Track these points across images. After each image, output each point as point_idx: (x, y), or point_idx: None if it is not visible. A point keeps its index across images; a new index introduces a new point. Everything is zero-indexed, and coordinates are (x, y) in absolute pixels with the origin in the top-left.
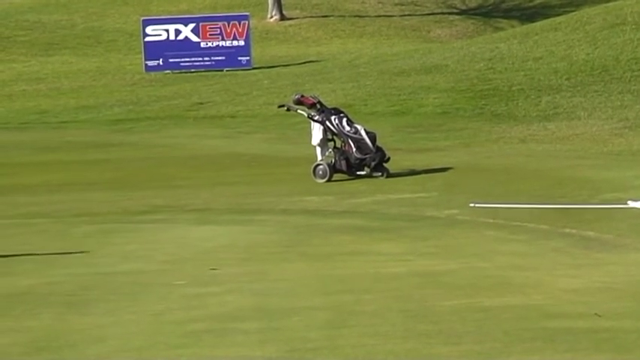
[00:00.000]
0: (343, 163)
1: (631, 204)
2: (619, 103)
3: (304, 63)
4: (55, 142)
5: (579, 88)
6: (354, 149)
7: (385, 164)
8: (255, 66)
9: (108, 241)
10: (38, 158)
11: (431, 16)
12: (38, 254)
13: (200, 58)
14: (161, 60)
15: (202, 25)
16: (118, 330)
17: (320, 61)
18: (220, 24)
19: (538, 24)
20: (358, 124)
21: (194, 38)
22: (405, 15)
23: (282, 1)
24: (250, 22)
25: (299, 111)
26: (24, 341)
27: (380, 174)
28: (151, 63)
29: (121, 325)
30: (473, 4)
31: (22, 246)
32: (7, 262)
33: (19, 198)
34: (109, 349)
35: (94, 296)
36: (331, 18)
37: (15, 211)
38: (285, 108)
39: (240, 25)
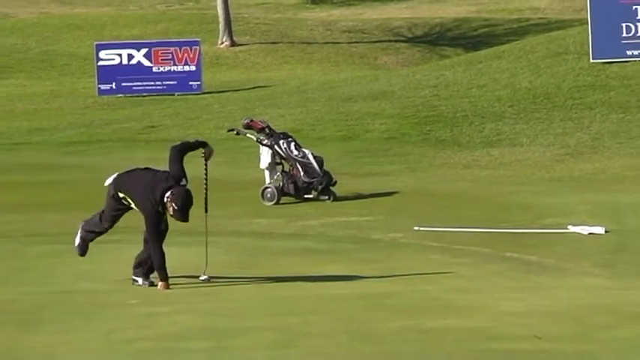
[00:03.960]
0: (291, 186)
1: (572, 229)
2: (560, 131)
3: (254, 88)
4: (8, 164)
5: (522, 115)
6: (302, 173)
7: (332, 188)
8: (205, 90)
9: (61, 261)
10: None
11: (378, 44)
12: None
13: (152, 83)
14: (114, 84)
15: (154, 50)
16: (70, 348)
17: (269, 86)
18: (172, 49)
19: (482, 52)
20: (306, 148)
21: (146, 63)
22: (352, 42)
23: (233, 28)
24: (201, 47)
25: (248, 135)
26: None
27: (327, 197)
28: (103, 87)
29: (73, 344)
30: (419, 32)
31: None
32: None
33: None
34: None
35: (47, 315)
36: (280, 44)
37: None
38: (235, 132)
39: (191, 50)
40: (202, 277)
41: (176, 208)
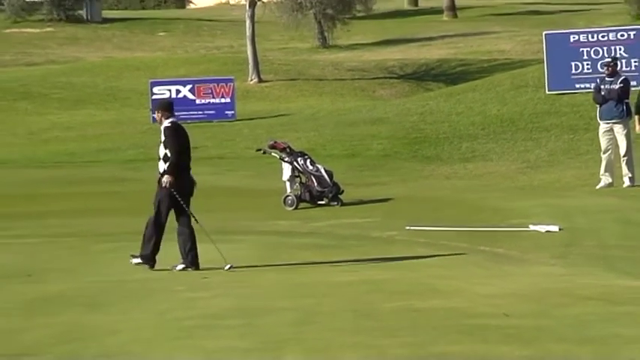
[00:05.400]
0: (307, 194)
1: (532, 227)
2: (523, 148)
3: (277, 116)
4: (80, 177)
5: (492, 136)
6: (316, 184)
7: (340, 196)
8: (238, 118)
9: (120, 255)
10: (67, 190)
11: (376, 80)
12: (65, 265)
13: (195, 112)
14: None
15: (197, 86)
16: (129, 325)
17: (289, 114)
18: (211, 85)
19: (459, 86)
20: (319, 164)
21: (191, 96)
22: (355, 79)
23: (260, 68)
24: (235, 84)
25: (272, 154)
26: (55, 334)
27: (336, 203)
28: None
29: (132, 322)
30: (409, 70)
31: (53, 259)
32: (40, 271)
33: (51, 221)
34: (122, 340)
35: (108, 299)
36: (298, 81)
37: (47, 231)
38: (262, 151)
39: (227, 86)
40: (226, 267)
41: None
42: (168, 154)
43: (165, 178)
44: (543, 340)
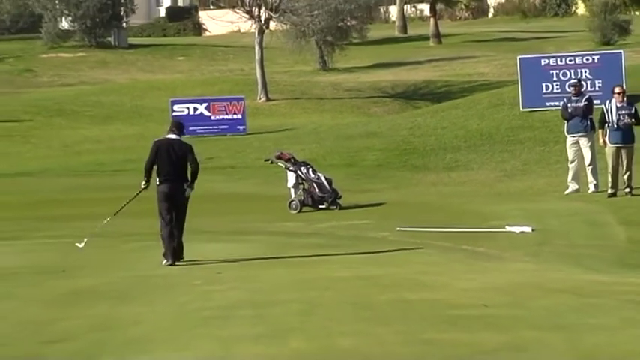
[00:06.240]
0: (309, 199)
1: (508, 228)
2: (500, 159)
3: (283, 130)
4: (109, 185)
5: (473, 148)
6: (317, 190)
7: (338, 200)
8: (248, 132)
9: (146, 253)
10: (98, 196)
11: (370, 98)
12: (96, 262)
13: (210, 127)
14: (184, 128)
15: (212, 104)
16: (153, 315)
17: (293, 129)
18: (225, 103)
19: (444, 104)
20: (320, 172)
21: (206, 113)
22: (352, 97)
23: (268, 88)
24: (245, 102)
25: (279, 163)
26: (87, 324)
27: (335, 207)
28: None
29: (155, 312)
30: (399, 90)
31: (85, 257)
32: (74, 268)
33: (83, 223)
34: (146, 329)
35: (135, 292)
36: (301, 99)
37: (80, 232)
38: (269, 161)
39: (238, 104)
40: (80, 245)
41: None
42: None
43: None
44: (519, 327)
